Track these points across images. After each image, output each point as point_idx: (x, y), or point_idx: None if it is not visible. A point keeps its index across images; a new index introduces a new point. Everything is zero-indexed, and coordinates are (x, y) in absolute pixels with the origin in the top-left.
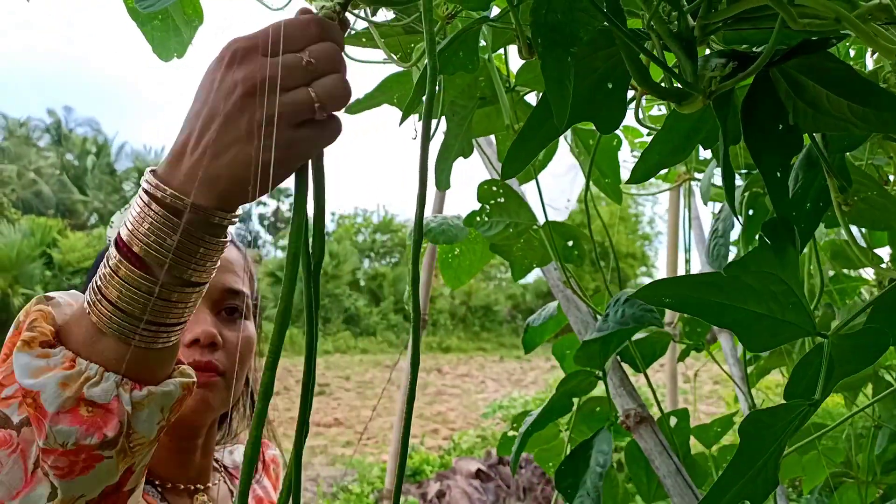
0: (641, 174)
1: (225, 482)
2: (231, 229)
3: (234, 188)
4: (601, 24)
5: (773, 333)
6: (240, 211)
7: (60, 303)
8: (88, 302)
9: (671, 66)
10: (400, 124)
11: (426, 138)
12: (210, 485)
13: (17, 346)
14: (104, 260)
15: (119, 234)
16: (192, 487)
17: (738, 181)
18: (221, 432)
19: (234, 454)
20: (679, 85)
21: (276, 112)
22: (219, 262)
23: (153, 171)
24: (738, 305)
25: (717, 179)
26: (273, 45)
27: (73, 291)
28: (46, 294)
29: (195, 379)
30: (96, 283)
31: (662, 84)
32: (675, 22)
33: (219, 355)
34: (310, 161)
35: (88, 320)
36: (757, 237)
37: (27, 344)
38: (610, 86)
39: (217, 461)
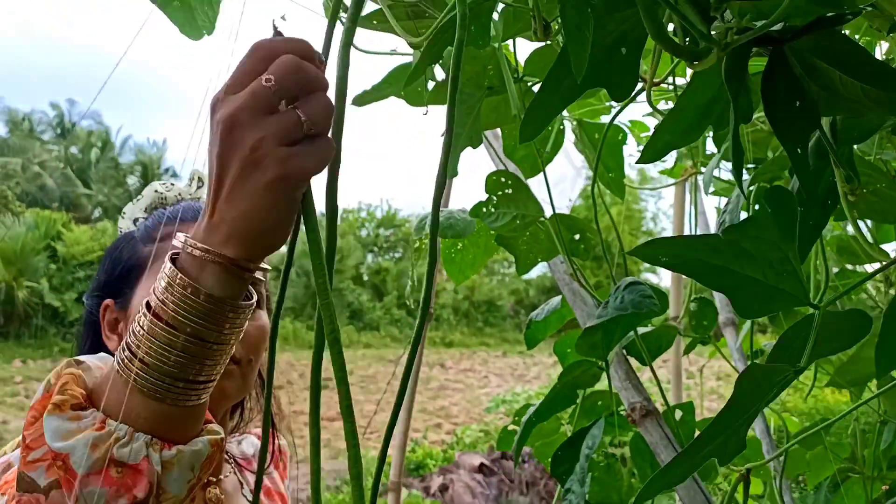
0: (652, 154)
1: (235, 473)
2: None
3: (248, 228)
4: None
5: (765, 299)
6: (265, 266)
7: (91, 366)
8: (119, 362)
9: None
10: (405, 88)
11: (451, 119)
12: (222, 476)
13: (48, 410)
14: (136, 320)
15: (148, 299)
16: (205, 479)
17: (745, 176)
18: (233, 422)
19: (241, 445)
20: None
21: (265, 133)
22: (246, 324)
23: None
24: (734, 269)
25: (721, 173)
26: (245, 75)
27: (102, 354)
28: (76, 357)
29: (223, 434)
30: (127, 342)
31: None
32: None
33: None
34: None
35: (119, 380)
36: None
37: (58, 407)
38: (623, 51)
39: (227, 452)
